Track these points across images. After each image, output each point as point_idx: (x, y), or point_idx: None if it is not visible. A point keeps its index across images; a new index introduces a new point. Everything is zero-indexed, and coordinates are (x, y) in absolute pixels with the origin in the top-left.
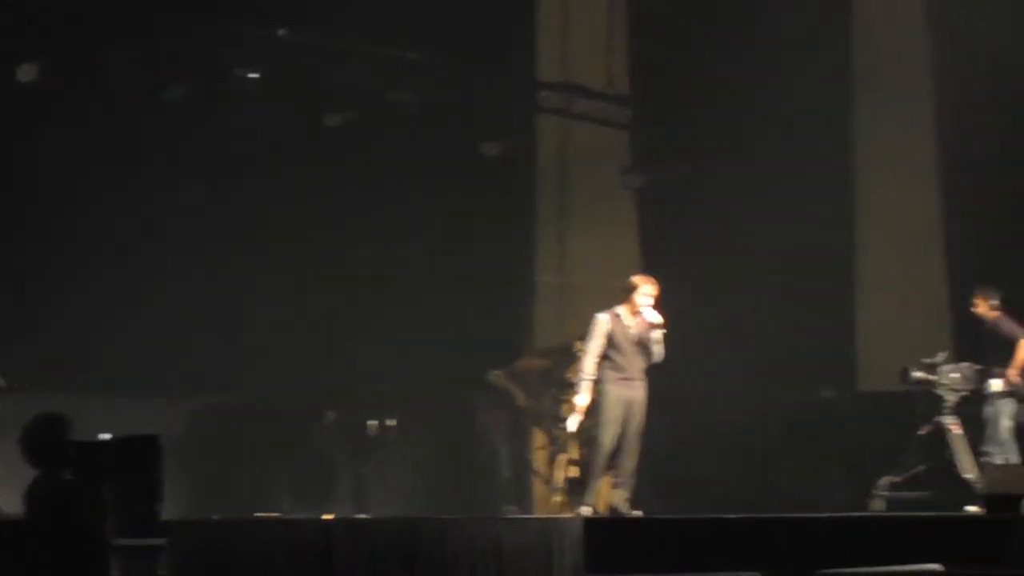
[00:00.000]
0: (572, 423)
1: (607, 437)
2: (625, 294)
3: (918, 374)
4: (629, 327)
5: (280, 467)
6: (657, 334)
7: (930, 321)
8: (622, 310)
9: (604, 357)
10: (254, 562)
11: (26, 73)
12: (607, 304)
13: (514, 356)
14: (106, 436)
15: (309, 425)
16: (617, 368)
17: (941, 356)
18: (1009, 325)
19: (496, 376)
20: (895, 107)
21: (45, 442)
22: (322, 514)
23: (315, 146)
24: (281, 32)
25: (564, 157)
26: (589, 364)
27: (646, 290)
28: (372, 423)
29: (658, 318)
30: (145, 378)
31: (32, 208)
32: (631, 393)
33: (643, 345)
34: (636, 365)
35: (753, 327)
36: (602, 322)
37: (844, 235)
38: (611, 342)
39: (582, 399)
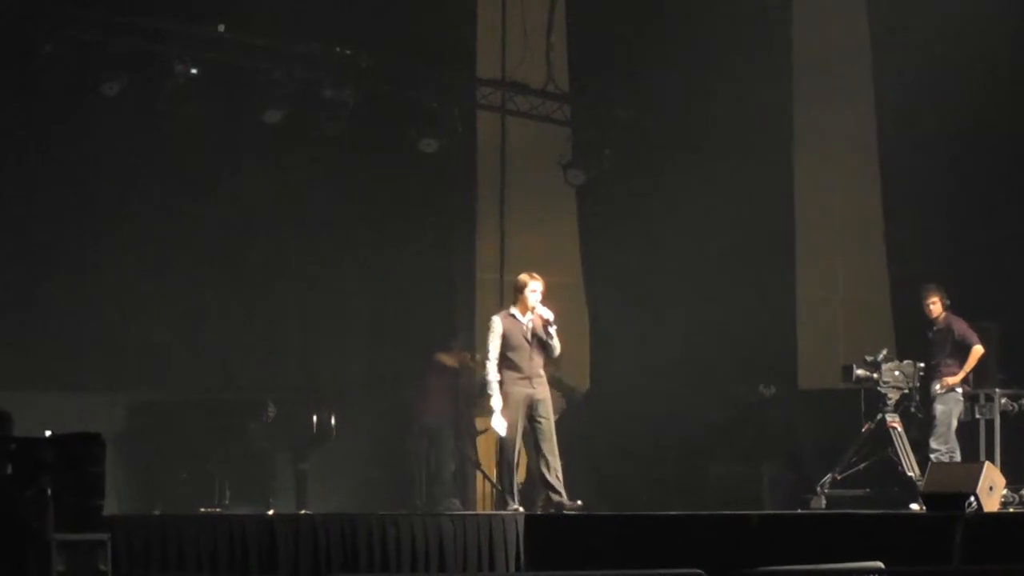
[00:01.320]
0: (498, 427)
1: (512, 436)
2: (515, 293)
3: (860, 372)
4: (524, 325)
5: (221, 462)
6: (552, 329)
7: (872, 319)
8: (515, 310)
9: (503, 358)
10: (196, 557)
11: None
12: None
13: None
14: (47, 433)
15: (250, 420)
16: (515, 368)
17: (883, 354)
18: (962, 328)
19: (444, 357)
20: (835, 104)
21: None
22: (264, 509)
23: (253, 142)
24: (220, 28)
25: (503, 154)
26: (491, 369)
27: (534, 286)
28: (313, 418)
29: (549, 313)
30: (86, 374)
31: None
32: (531, 391)
33: (540, 342)
34: (535, 363)
35: (694, 324)
36: (496, 323)
37: (785, 232)
38: (508, 343)
39: (495, 403)
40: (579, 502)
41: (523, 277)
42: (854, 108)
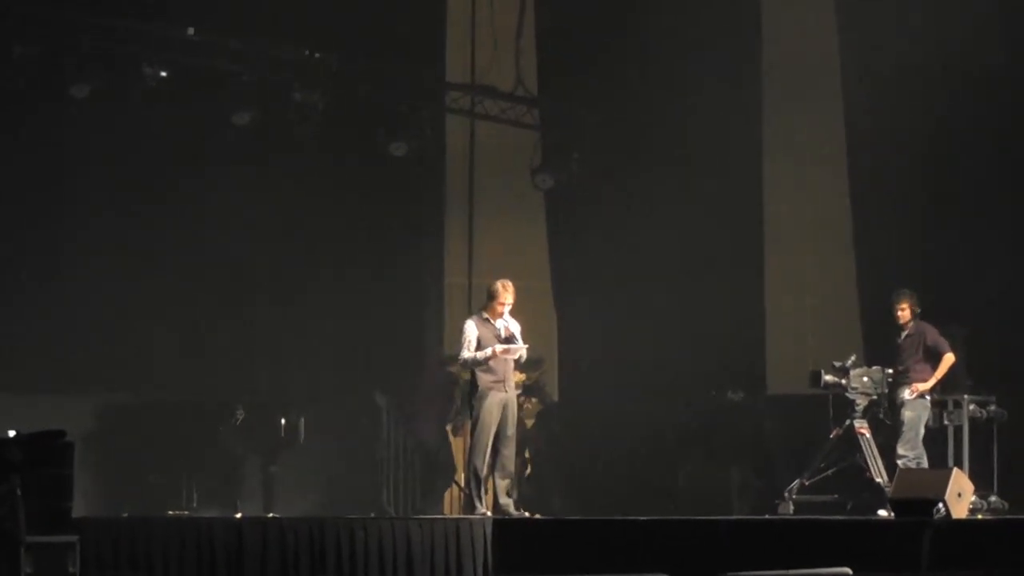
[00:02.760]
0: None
1: (486, 440)
2: (487, 300)
3: (829, 378)
4: (496, 330)
5: (190, 465)
6: (518, 342)
7: (840, 325)
8: (486, 314)
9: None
10: (164, 559)
11: None
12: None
13: (421, 355)
14: (12, 432)
15: (219, 423)
16: (491, 372)
17: (851, 360)
18: (933, 335)
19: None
20: (804, 109)
21: None
22: (232, 512)
23: (222, 144)
24: (190, 31)
25: (472, 157)
26: (469, 351)
27: (504, 299)
28: (281, 422)
29: (516, 327)
30: (54, 375)
31: None
32: (505, 396)
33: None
34: (507, 368)
35: (663, 329)
36: (471, 327)
37: (754, 237)
38: (481, 346)
39: (496, 348)
40: (525, 513)
41: (497, 286)
42: (823, 115)
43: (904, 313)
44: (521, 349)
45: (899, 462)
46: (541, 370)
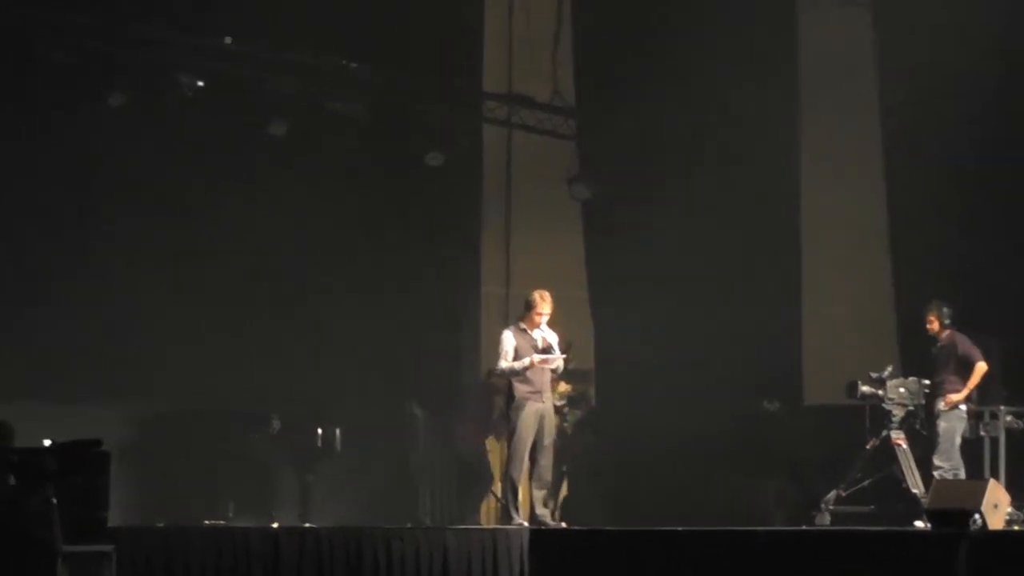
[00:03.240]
0: (559, 359)
1: (523, 450)
2: (525, 310)
3: (866, 388)
4: (534, 340)
5: (226, 474)
6: (555, 352)
7: (877, 335)
8: (524, 324)
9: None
10: (201, 569)
11: None
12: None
13: (458, 365)
14: (47, 442)
15: (255, 433)
16: (527, 382)
17: (888, 370)
18: (965, 345)
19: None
20: (842, 119)
21: None
22: (268, 522)
23: (260, 155)
24: (227, 40)
25: (509, 168)
26: (506, 361)
27: (542, 309)
28: (317, 432)
29: (554, 337)
30: (90, 386)
31: None
32: (542, 406)
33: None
34: (543, 378)
35: (699, 340)
36: (508, 337)
37: (790, 248)
38: (518, 356)
39: (534, 359)
40: (563, 524)
41: (535, 296)
42: (860, 123)
43: (932, 325)
44: (559, 359)
45: (935, 473)
46: (588, 383)
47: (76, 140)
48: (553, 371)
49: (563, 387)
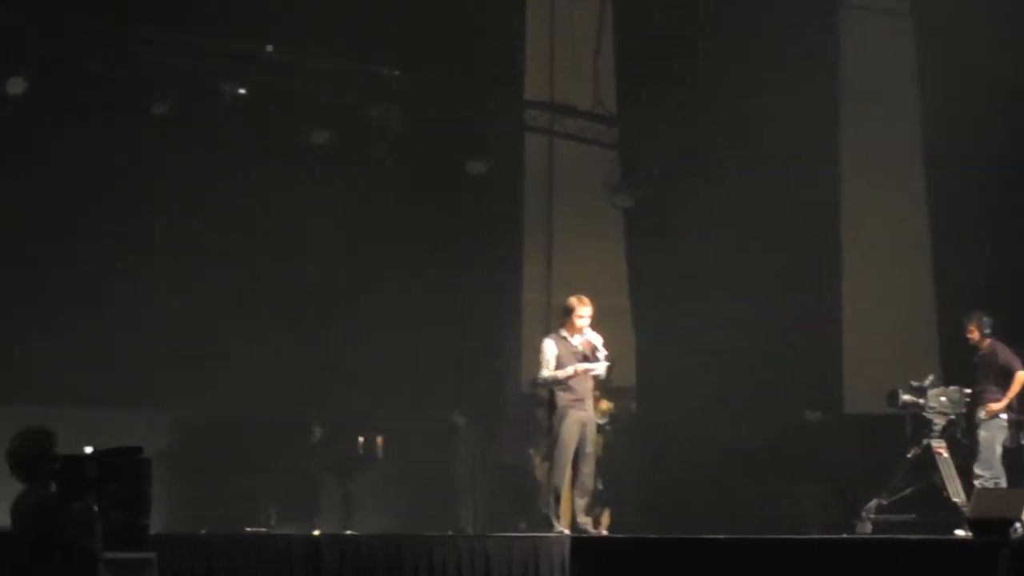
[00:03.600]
0: (602, 367)
1: (565, 458)
2: (564, 316)
3: (906, 397)
4: (575, 347)
5: (268, 482)
6: (600, 355)
7: (918, 344)
8: (564, 332)
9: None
10: None
11: (15, 86)
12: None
13: (500, 374)
14: (89, 449)
15: (297, 440)
16: (570, 391)
17: (929, 379)
18: (1005, 354)
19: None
20: (883, 127)
21: (30, 456)
22: (310, 530)
23: (302, 163)
24: (268, 48)
25: (551, 176)
26: (548, 370)
27: (582, 311)
28: (359, 440)
29: (599, 339)
30: (133, 392)
31: (13, 219)
32: (584, 414)
33: (589, 363)
34: (585, 385)
35: (740, 348)
36: (550, 345)
37: (832, 256)
38: (560, 365)
39: (578, 367)
40: (604, 532)
41: (572, 301)
42: (901, 130)
43: (973, 335)
44: (602, 367)
45: (976, 482)
46: (630, 399)
47: (118, 149)
48: (595, 377)
49: (605, 405)
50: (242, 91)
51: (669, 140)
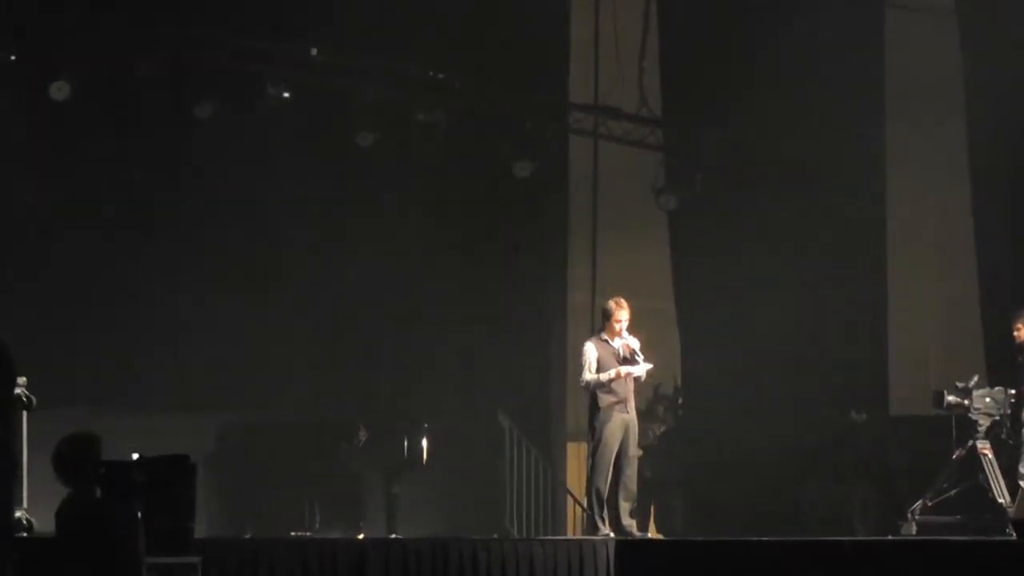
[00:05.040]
0: (642, 369)
1: (608, 461)
2: (603, 319)
3: (952, 398)
4: (615, 349)
5: (312, 485)
6: (638, 358)
7: (963, 345)
8: (605, 335)
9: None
10: None
11: (59, 91)
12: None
13: (547, 376)
14: (136, 455)
15: (341, 444)
16: (611, 393)
17: (974, 380)
18: None
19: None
20: (928, 126)
21: (76, 461)
22: (354, 533)
23: (346, 165)
24: (313, 51)
25: (596, 178)
26: (590, 373)
27: (620, 316)
28: (404, 442)
29: (636, 342)
30: (177, 396)
31: (61, 223)
32: (626, 416)
33: (629, 365)
34: (627, 387)
35: (785, 349)
36: (591, 348)
37: (877, 258)
38: (601, 367)
39: (620, 370)
40: (648, 534)
41: (610, 304)
42: (946, 132)
43: (1020, 333)
44: (643, 369)
45: (1021, 483)
46: (674, 403)
47: (163, 151)
48: (637, 379)
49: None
50: (286, 94)
51: (714, 143)
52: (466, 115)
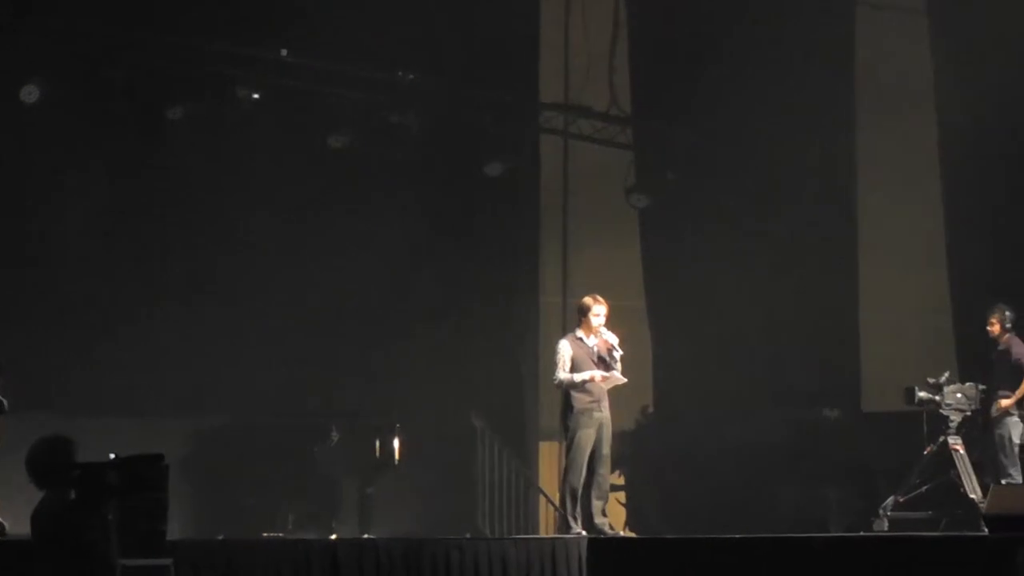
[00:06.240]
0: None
1: (581, 460)
2: (579, 316)
3: (923, 394)
4: (591, 347)
5: (285, 487)
6: (616, 354)
7: (934, 341)
8: (580, 332)
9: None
10: None
11: (28, 95)
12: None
13: (518, 375)
14: (111, 456)
15: (314, 445)
16: (586, 392)
17: (945, 376)
18: (1019, 351)
19: None
20: (898, 124)
21: (50, 463)
22: (327, 534)
23: (317, 167)
24: (283, 53)
25: (567, 177)
26: (564, 371)
27: (597, 310)
28: (376, 443)
29: (614, 338)
30: (149, 398)
31: (32, 227)
32: (601, 415)
33: (605, 364)
34: (601, 387)
35: (756, 347)
36: (565, 347)
37: (848, 255)
38: (576, 366)
39: (595, 373)
40: (621, 532)
41: (587, 300)
42: (916, 128)
43: (993, 328)
44: (621, 380)
45: (1003, 481)
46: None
47: (134, 154)
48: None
49: None
50: (256, 96)
51: (684, 141)
52: (437, 116)
